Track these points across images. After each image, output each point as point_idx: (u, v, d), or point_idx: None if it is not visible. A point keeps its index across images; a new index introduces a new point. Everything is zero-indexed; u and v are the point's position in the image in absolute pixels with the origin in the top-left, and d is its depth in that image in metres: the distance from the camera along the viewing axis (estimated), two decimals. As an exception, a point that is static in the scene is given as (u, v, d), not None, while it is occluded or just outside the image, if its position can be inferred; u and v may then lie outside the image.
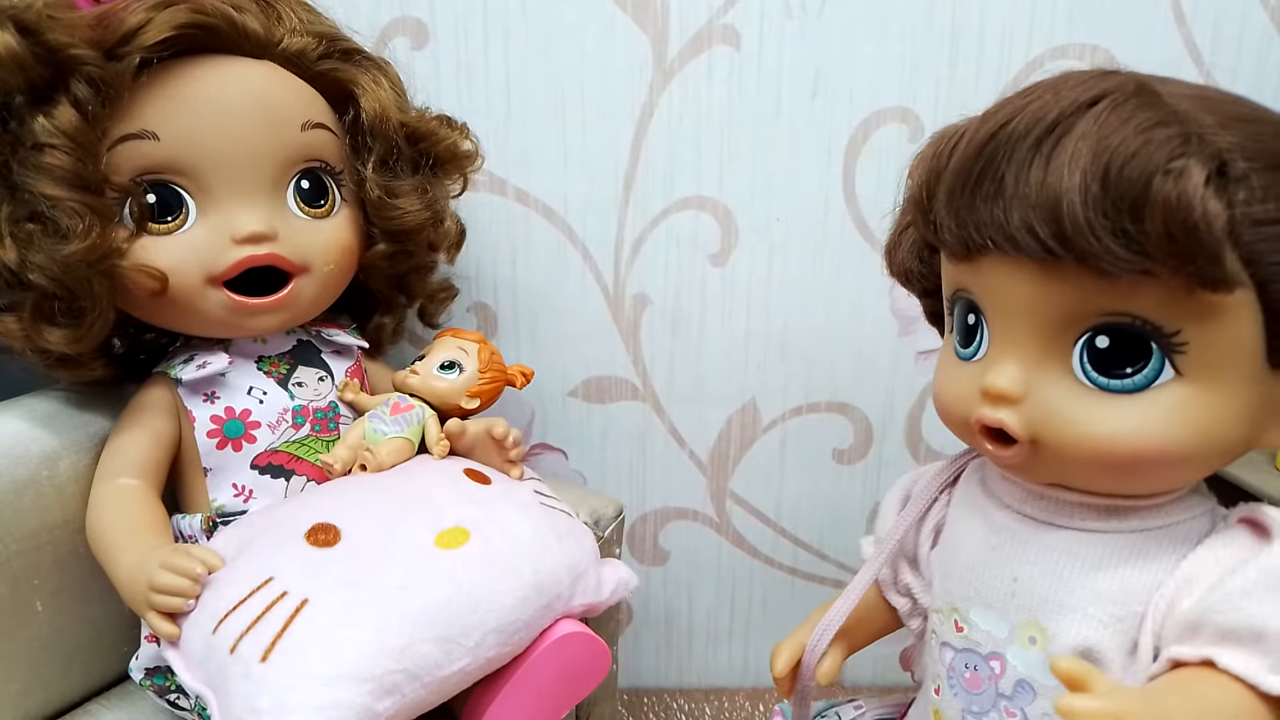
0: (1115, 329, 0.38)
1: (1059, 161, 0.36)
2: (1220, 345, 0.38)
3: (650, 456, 0.87)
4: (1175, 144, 0.35)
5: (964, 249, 0.40)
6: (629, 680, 0.94)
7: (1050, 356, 0.40)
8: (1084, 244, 0.35)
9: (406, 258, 0.67)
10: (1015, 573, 0.45)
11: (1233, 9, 0.75)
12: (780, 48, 0.75)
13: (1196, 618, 0.39)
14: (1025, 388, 0.40)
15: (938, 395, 0.47)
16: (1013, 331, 0.41)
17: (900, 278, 0.52)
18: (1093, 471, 0.41)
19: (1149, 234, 0.35)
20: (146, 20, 0.52)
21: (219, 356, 0.59)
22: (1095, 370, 0.39)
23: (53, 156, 0.51)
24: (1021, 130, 0.38)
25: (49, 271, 0.52)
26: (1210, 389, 0.38)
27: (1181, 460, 0.40)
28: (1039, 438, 0.40)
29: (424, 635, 0.50)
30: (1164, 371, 0.38)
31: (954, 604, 0.48)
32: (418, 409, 0.64)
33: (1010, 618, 0.45)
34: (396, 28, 0.75)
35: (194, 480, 0.60)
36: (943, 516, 0.52)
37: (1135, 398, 0.39)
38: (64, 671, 0.60)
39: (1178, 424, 0.39)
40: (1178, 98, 0.37)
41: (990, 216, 0.38)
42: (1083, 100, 0.37)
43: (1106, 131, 0.36)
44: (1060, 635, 0.43)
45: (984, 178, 0.38)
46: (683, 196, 0.79)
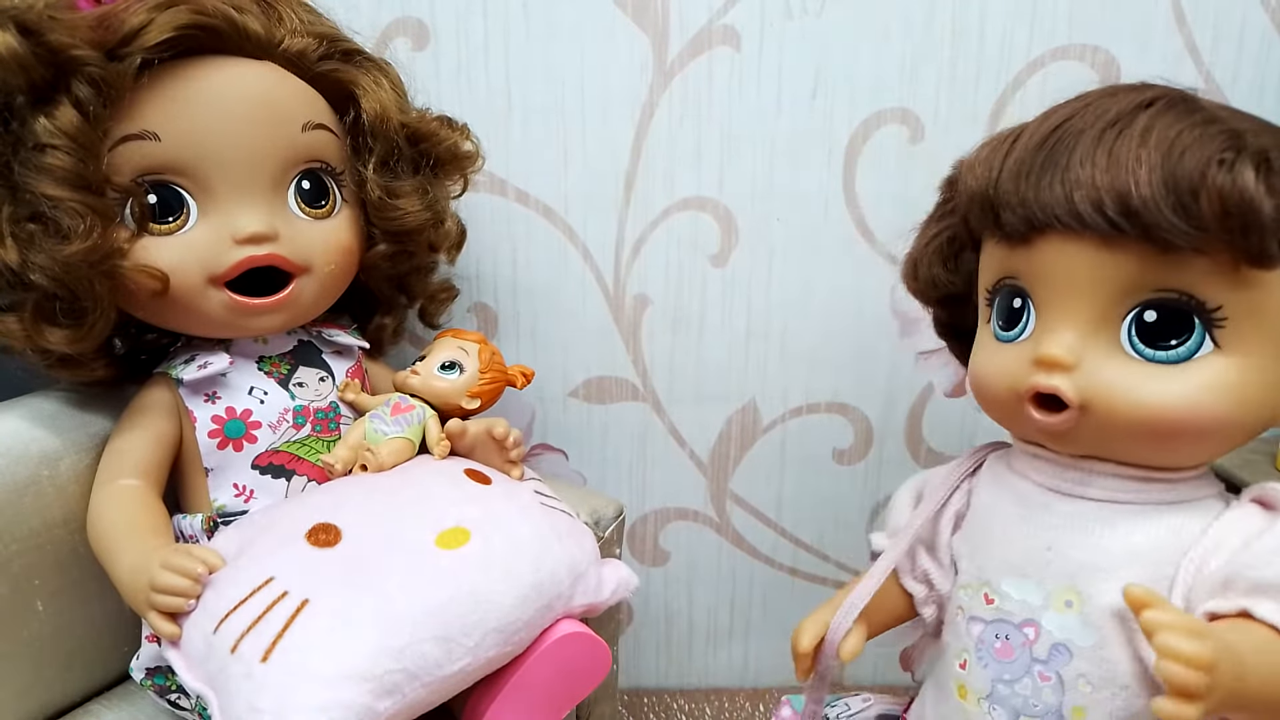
0: (1162, 304, 0.43)
1: (1122, 149, 0.41)
2: (1255, 320, 0.42)
3: (650, 457, 0.87)
4: (1225, 139, 0.40)
5: (1026, 227, 0.44)
6: (629, 680, 0.94)
7: (1101, 330, 0.44)
8: (1149, 217, 0.40)
9: (407, 258, 0.67)
10: (1050, 542, 0.48)
11: (1233, 10, 0.75)
12: (780, 48, 0.75)
13: (1228, 575, 0.43)
14: (1078, 356, 0.44)
15: (979, 374, 0.50)
16: (1065, 307, 0.45)
17: (925, 289, 0.56)
18: (1137, 438, 0.44)
19: (1205, 212, 0.39)
20: (148, 21, 0.52)
21: (220, 357, 0.60)
22: (1142, 342, 0.43)
23: (54, 157, 0.51)
24: (1083, 125, 0.43)
25: (50, 272, 0.52)
26: (1245, 361, 0.43)
27: (1218, 429, 0.44)
28: (1089, 404, 0.44)
29: (424, 635, 0.50)
30: (1204, 345, 0.43)
31: (984, 577, 0.50)
32: (418, 409, 0.64)
33: (1045, 585, 0.48)
34: (397, 28, 0.75)
35: (195, 480, 0.60)
36: (964, 504, 0.55)
37: (1178, 369, 0.43)
38: (65, 671, 0.60)
39: (1217, 394, 0.43)
40: (1214, 106, 0.43)
41: (1055, 196, 0.42)
42: (1139, 101, 0.43)
43: (1164, 125, 0.41)
44: (1096, 597, 0.46)
45: (1049, 164, 0.43)
46: (683, 197, 0.79)
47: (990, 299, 0.50)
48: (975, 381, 0.51)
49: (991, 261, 0.49)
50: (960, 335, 0.58)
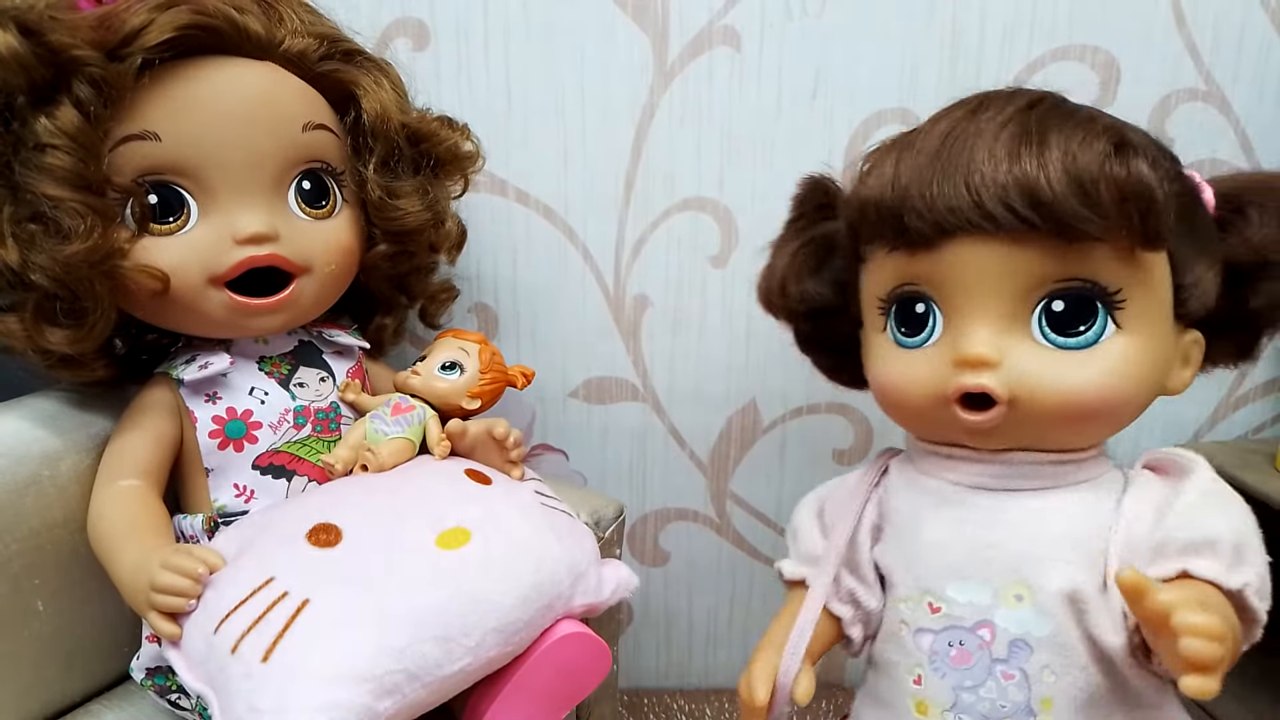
0: (1068, 293, 0.45)
1: (1022, 149, 0.43)
2: (1148, 300, 0.46)
3: (650, 457, 0.87)
4: (1110, 135, 0.44)
5: (935, 234, 0.45)
6: (629, 681, 0.94)
7: (1014, 324, 0.46)
8: (1058, 209, 0.42)
9: (407, 258, 0.67)
10: (987, 540, 0.49)
11: (1233, 10, 0.75)
12: (781, 49, 0.75)
13: (1158, 541, 0.46)
14: (1000, 352, 0.46)
15: (893, 385, 0.51)
16: (978, 306, 0.46)
17: (795, 305, 0.57)
18: (1059, 424, 0.47)
19: (1105, 200, 0.42)
20: (148, 21, 0.52)
21: (220, 357, 0.60)
22: (1054, 331, 0.46)
23: (54, 157, 0.51)
24: (976, 129, 0.45)
25: (51, 272, 0.52)
26: (1142, 339, 0.46)
27: (1128, 403, 0.47)
28: (1015, 397, 0.46)
29: (425, 635, 0.50)
30: (1108, 328, 0.46)
31: (925, 586, 0.51)
32: (419, 409, 0.64)
33: (991, 582, 0.49)
34: (397, 29, 0.75)
35: (195, 480, 0.60)
36: (876, 515, 0.55)
37: (1088, 353, 0.46)
38: (65, 671, 0.60)
39: (1124, 371, 0.46)
40: (1080, 106, 0.47)
41: (963, 199, 0.44)
42: (1024, 103, 0.46)
43: (1055, 124, 0.44)
44: (1045, 585, 0.47)
45: (951, 169, 0.44)
46: (683, 198, 0.79)
47: (885, 307, 0.51)
48: (887, 392, 0.52)
49: (883, 271, 0.50)
50: (826, 348, 0.59)
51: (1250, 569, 0.44)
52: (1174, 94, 0.77)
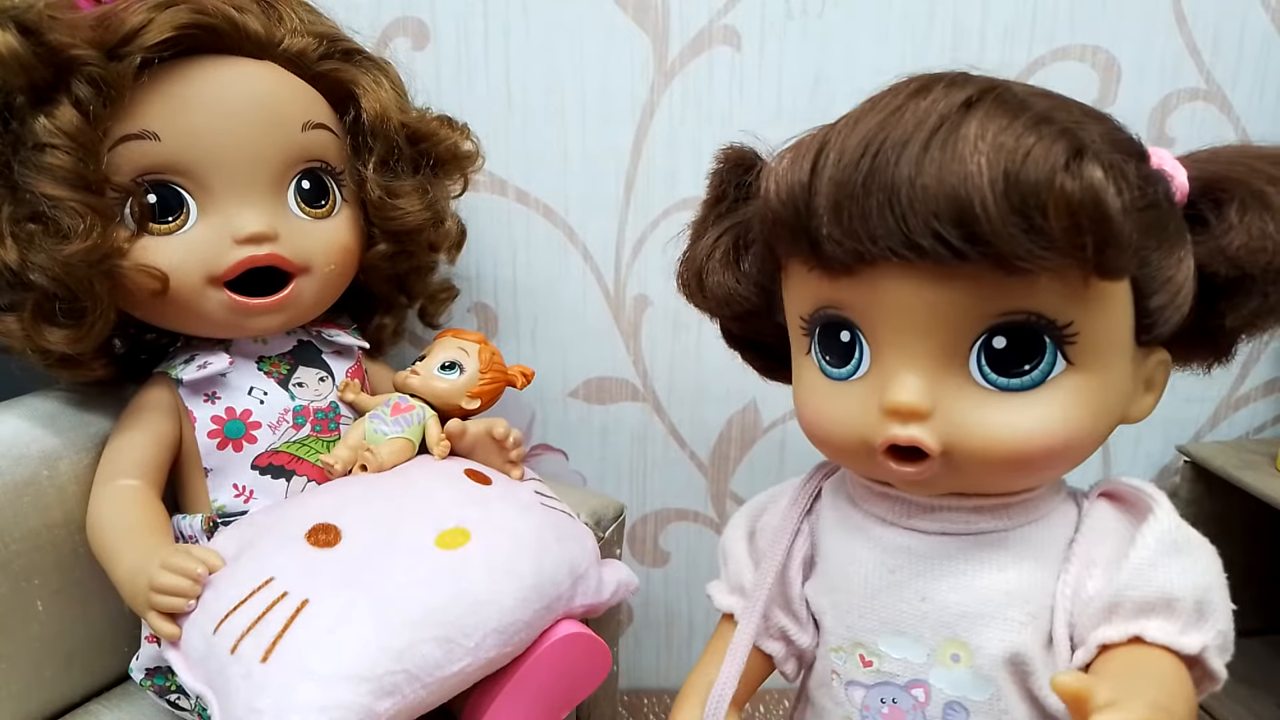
0: (1011, 328, 0.38)
1: (956, 163, 0.35)
2: (1105, 330, 0.39)
3: (650, 457, 0.87)
4: (1065, 141, 0.35)
5: (854, 261, 0.38)
6: (629, 681, 0.94)
7: (949, 364, 0.39)
8: (998, 242, 0.35)
9: (407, 258, 0.67)
10: (923, 592, 0.44)
11: (1233, 10, 0.75)
12: (781, 48, 0.75)
13: (1111, 599, 0.40)
14: (933, 400, 0.39)
15: (816, 421, 0.44)
16: (906, 343, 0.39)
17: (713, 301, 0.49)
18: (1002, 473, 0.41)
19: (1055, 228, 0.34)
20: (148, 20, 0.52)
21: (219, 357, 0.59)
22: (995, 372, 0.39)
23: (54, 156, 0.51)
24: (903, 135, 0.36)
25: (50, 271, 0.52)
26: (1098, 373, 0.40)
27: (1081, 446, 0.41)
28: (951, 449, 0.39)
29: (424, 636, 0.50)
30: (1057, 364, 0.39)
31: (856, 638, 0.46)
32: (418, 409, 0.64)
33: (926, 640, 0.44)
34: (397, 28, 0.75)
35: (194, 480, 0.60)
36: (808, 547, 0.50)
37: (1035, 394, 0.39)
38: (64, 671, 0.60)
39: (1077, 411, 0.39)
40: (1032, 96, 0.38)
41: (886, 225, 0.36)
42: (959, 101, 0.37)
43: (996, 130, 0.35)
44: (984, 646, 0.43)
45: (871, 185, 0.36)
46: (683, 197, 0.79)
47: (807, 329, 0.44)
48: (812, 426, 0.45)
49: (804, 288, 0.43)
50: (755, 347, 0.52)
51: (1211, 627, 0.40)
52: (1174, 94, 0.77)
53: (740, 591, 0.52)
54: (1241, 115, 0.78)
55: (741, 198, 0.49)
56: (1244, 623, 0.42)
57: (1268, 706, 0.79)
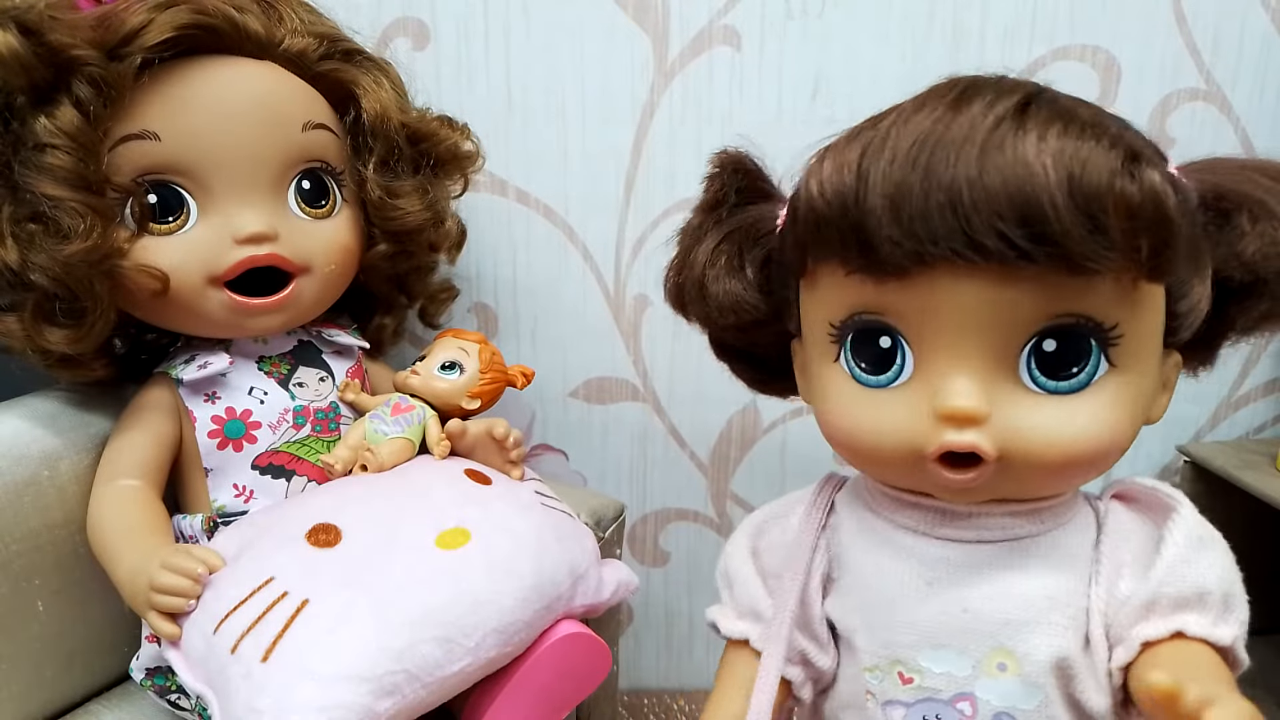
0: (1060, 330, 0.39)
1: (1020, 167, 0.35)
2: (1144, 333, 0.40)
3: (651, 457, 0.87)
4: (1120, 147, 0.36)
5: (912, 263, 0.37)
6: (629, 681, 0.94)
7: (1000, 368, 0.39)
8: (1065, 242, 0.35)
9: (407, 258, 0.67)
10: (963, 602, 0.43)
11: (1233, 10, 0.75)
12: (781, 48, 0.75)
13: (1149, 597, 0.41)
14: (989, 405, 0.39)
15: (856, 432, 0.43)
16: (958, 347, 0.39)
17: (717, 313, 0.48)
18: (1053, 476, 0.41)
19: (1116, 229, 0.35)
20: (148, 21, 0.52)
21: (220, 357, 0.59)
22: (1044, 375, 0.39)
23: (54, 157, 0.51)
24: (960, 136, 0.36)
25: (50, 271, 0.52)
26: (1135, 375, 0.41)
27: (1121, 445, 0.41)
28: (1007, 453, 0.39)
29: (424, 636, 0.50)
30: (1101, 366, 0.40)
31: (894, 655, 0.45)
32: (418, 409, 0.64)
33: (970, 651, 0.43)
34: (398, 28, 0.75)
35: (195, 480, 0.60)
36: (826, 563, 0.48)
37: (1081, 396, 0.40)
38: (65, 671, 0.60)
39: (1119, 412, 0.40)
40: (1073, 103, 0.39)
41: (949, 226, 0.36)
42: (1013, 104, 0.37)
43: (1056, 134, 0.36)
44: (1032, 654, 0.42)
45: (930, 186, 0.36)
46: (684, 197, 0.79)
47: (837, 335, 0.43)
48: (851, 438, 0.43)
49: (837, 293, 0.42)
50: (750, 360, 0.51)
51: (1236, 618, 0.41)
52: (1174, 94, 0.77)
53: (751, 616, 0.49)
54: (1241, 115, 0.78)
55: (741, 202, 0.49)
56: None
57: (1268, 706, 0.79)
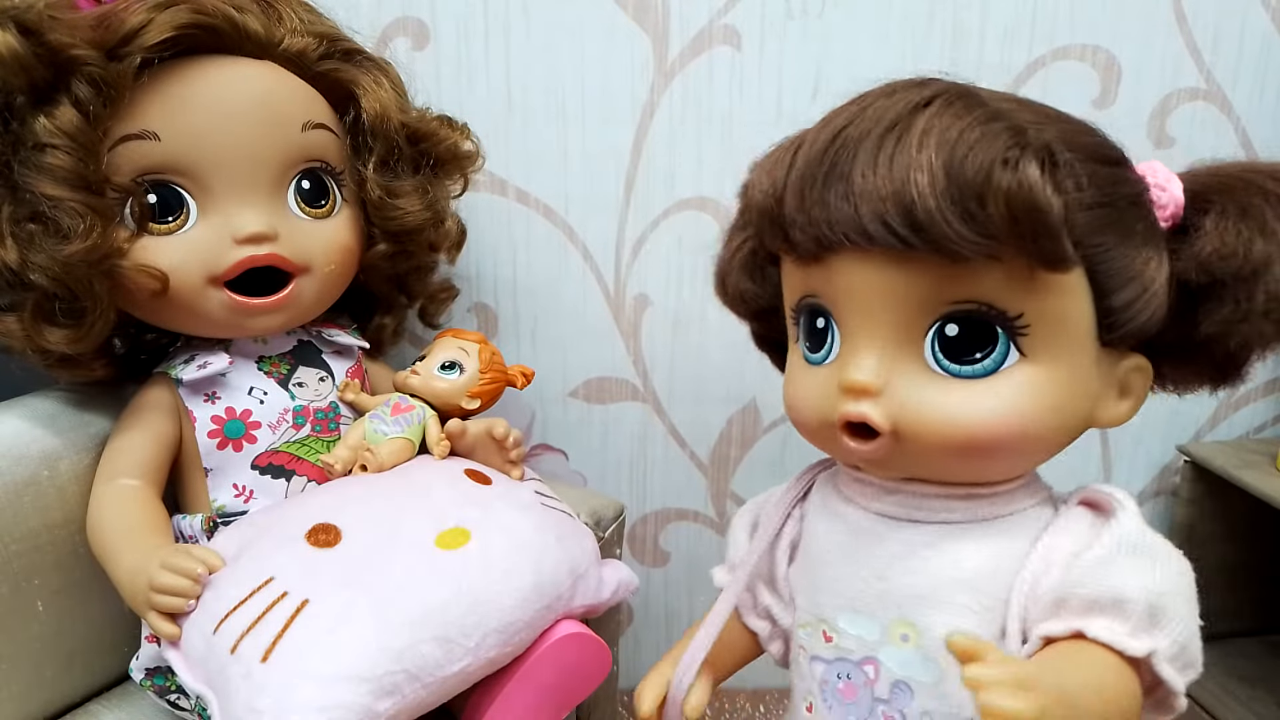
0: (963, 316, 0.40)
1: (903, 157, 0.38)
2: (1058, 325, 0.40)
3: (651, 457, 0.87)
4: (1008, 137, 0.37)
5: (816, 247, 0.41)
6: (629, 681, 0.94)
7: (904, 348, 0.42)
8: (936, 230, 0.37)
9: (407, 258, 0.67)
10: (880, 572, 0.45)
11: (1233, 10, 0.75)
12: (781, 48, 0.75)
13: (1060, 594, 0.41)
14: (883, 380, 0.41)
15: (791, 403, 0.47)
16: (866, 326, 0.42)
17: (733, 302, 0.53)
18: (951, 458, 0.42)
19: (993, 217, 0.37)
20: (148, 21, 0.52)
21: (219, 357, 0.59)
22: (946, 358, 0.41)
23: (54, 157, 0.51)
24: (862, 131, 0.39)
25: (50, 271, 0.52)
26: (1053, 368, 0.41)
27: (1034, 439, 0.42)
28: (899, 428, 0.41)
29: (424, 636, 0.50)
30: (1010, 355, 0.40)
31: (820, 614, 0.48)
32: (418, 409, 0.64)
33: (880, 618, 0.45)
34: (397, 28, 0.75)
35: (194, 480, 0.60)
36: (798, 532, 0.52)
37: (986, 382, 0.41)
38: (65, 671, 0.60)
39: (1027, 403, 0.41)
40: (996, 99, 0.41)
41: (842, 213, 0.39)
42: (916, 101, 0.40)
43: (944, 127, 0.38)
44: (931, 629, 0.44)
45: (831, 177, 0.40)
46: (684, 197, 0.79)
47: (795, 318, 0.47)
48: (789, 408, 0.48)
49: (791, 278, 0.46)
50: (780, 349, 0.54)
51: (1165, 634, 0.40)
52: (1175, 93, 0.77)
53: (732, 569, 0.54)
54: (1241, 115, 0.78)
55: None
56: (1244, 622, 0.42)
57: (1268, 706, 0.79)
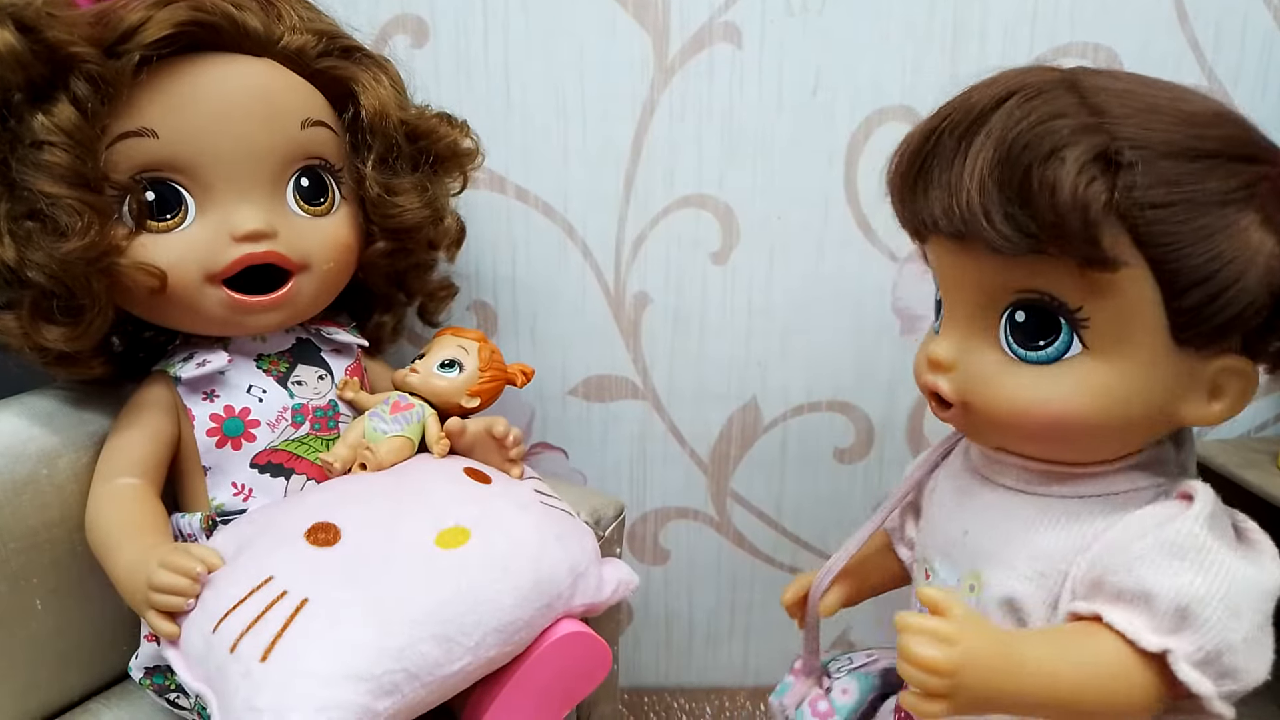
0: (1030, 304, 0.43)
1: (970, 153, 0.40)
2: (1120, 321, 0.41)
3: (650, 455, 0.87)
4: (1064, 134, 0.39)
5: (913, 233, 0.46)
6: (629, 680, 0.94)
7: (982, 329, 0.45)
8: (979, 227, 0.40)
9: (406, 256, 0.67)
10: (966, 525, 0.49)
11: (1235, 7, 0.75)
12: (781, 45, 0.75)
13: (1098, 577, 0.42)
14: (957, 356, 0.45)
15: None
16: (953, 306, 0.46)
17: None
18: (1013, 435, 0.46)
19: (1034, 217, 0.39)
20: (146, 18, 0.52)
21: (218, 355, 0.59)
22: (1016, 342, 0.44)
23: (52, 154, 0.51)
24: (949, 126, 0.42)
25: (48, 269, 0.52)
26: (1114, 362, 0.42)
27: (1095, 428, 0.43)
28: (968, 401, 0.45)
29: (424, 635, 0.50)
30: (1073, 345, 0.42)
31: (926, 555, 0.53)
32: (418, 407, 0.63)
33: (960, 567, 0.49)
34: (396, 25, 0.75)
35: (193, 479, 0.59)
36: (936, 484, 0.56)
37: (1049, 368, 0.43)
38: (63, 670, 0.60)
39: (1084, 393, 0.42)
40: (1097, 91, 0.41)
41: (921, 204, 0.43)
42: (999, 95, 0.41)
43: (1010, 124, 0.40)
44: (991, 585, 0.47)
45: (921, 170, 0.43)
46: (683, 194, 0.79)
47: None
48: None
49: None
50: None
51: (1191, 638, 0.40)
52: (1176, 91, 0.77)
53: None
54: (1243, 112, 0.78)
55: None
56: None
57: (1266, 705, 0.79)
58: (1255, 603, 0.41)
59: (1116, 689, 0.41)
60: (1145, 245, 0.39)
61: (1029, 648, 0.41)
